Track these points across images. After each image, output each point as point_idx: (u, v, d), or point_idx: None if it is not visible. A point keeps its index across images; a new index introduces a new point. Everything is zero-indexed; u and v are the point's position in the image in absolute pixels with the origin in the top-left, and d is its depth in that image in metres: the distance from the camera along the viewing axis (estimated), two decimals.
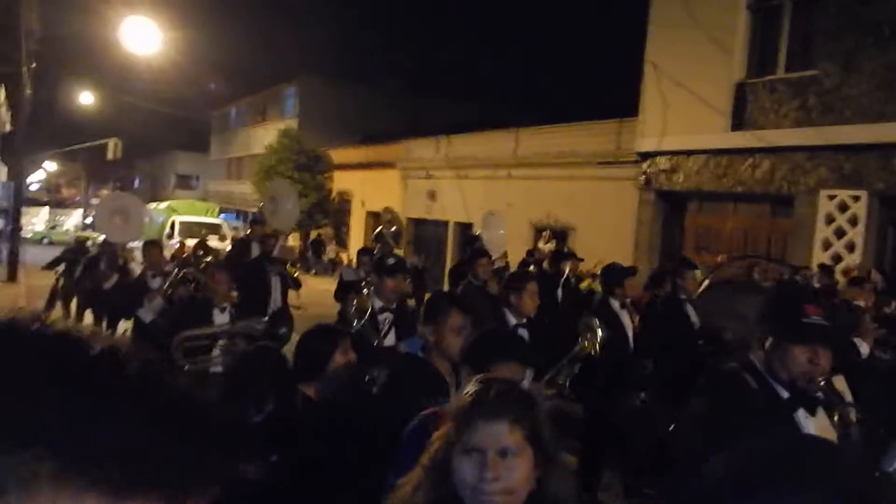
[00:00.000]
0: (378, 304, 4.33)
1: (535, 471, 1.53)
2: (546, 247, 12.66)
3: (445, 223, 19.72)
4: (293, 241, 23.62)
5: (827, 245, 10.44)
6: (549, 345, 4.77)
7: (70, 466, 0.48)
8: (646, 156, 13.35)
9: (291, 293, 8.48)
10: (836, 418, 2.32)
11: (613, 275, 5.67)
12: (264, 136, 29.64)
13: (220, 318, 4.84)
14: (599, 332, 4.07)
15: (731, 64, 11.82)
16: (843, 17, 10.31)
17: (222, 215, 31.58)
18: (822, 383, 2.20)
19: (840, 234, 10.32)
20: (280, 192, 9.09)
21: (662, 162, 13.09)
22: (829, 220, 10.46)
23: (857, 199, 10.15)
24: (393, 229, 9.30)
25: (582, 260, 9.03)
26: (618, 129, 14.46)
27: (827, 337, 2.26)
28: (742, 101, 11.78)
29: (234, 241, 11.40)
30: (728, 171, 11.98)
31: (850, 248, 10.16)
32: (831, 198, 10.45)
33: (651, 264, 12.32)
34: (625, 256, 11.57)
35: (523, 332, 4.20)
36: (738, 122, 11.78)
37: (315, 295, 13.35)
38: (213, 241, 18.96)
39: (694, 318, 5.90)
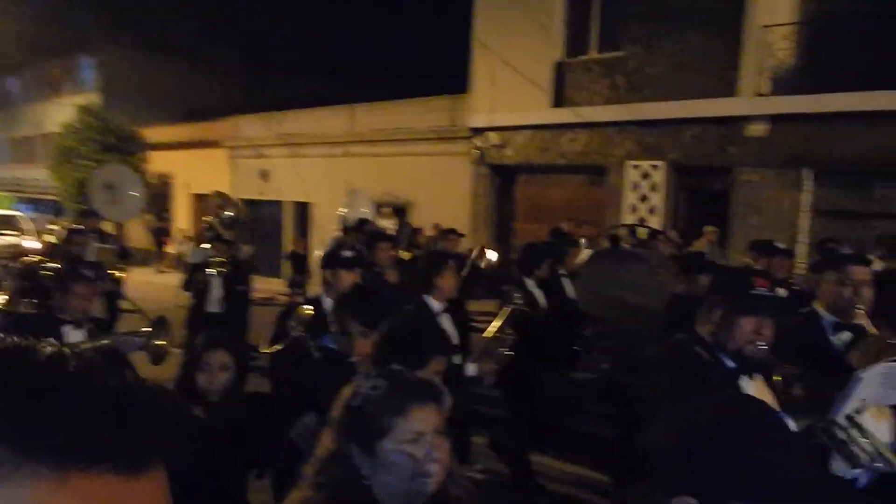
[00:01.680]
0: (329, 302, 4.08)
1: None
2: (386, 223, 13.93)
3: (280, 203, 20.36)
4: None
5: (634, 209, 12.70)
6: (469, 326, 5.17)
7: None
8: (478, 131, 15.03)
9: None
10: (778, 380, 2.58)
11: (530, 255, 5.78)
12: (58, 113, 28.04)
13: (75, 336, 3.95)
14: (520, 299, 4.56)
15: (550, 44, 13.73)
16: (646, 3, 12.46)
17: (16, 206, 29.53)
18: (766, 350, 2.42)
19: (644, 199, 12.61)
20: (118, 177, 9.12)
21: (494, 137, 14.82)
22: (635, 187, 12.72)
23: (656, 168, 12.45)
24: (226, 214, 9.23)
25: (464, 236, 10.03)
26: (451, 106, 16.01)
27: (772, 307, 2.50)
28: (561, 79, 13.74)
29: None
30: (551, 145, 13.94)
31: (652, 211, 12.47)
32: (636, 167, 12.71)
33: (488, 234, 14.05)
34: (462, 228, 13.17)
35: (446, 318, 4.30)
36: (559, 99, 13.75)
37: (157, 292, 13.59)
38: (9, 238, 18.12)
39: (570, 292, 6.39)
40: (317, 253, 13.42)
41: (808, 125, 10.63)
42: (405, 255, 7.81)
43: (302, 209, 19.89)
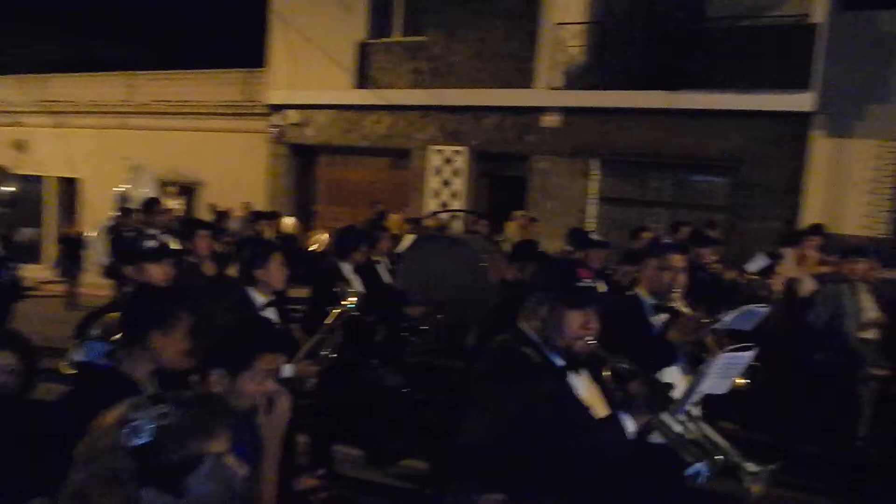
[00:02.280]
0: None
1: None
2: (173, 203, 12.91)
3: (41, 178, 18.10)
4: None
5: (436, 194, 13.02)
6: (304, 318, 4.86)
7: None
8: (276, 108, 14.45)
9: None
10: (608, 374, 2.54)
11: (347, 240, 5.59)
12: None
13: None
14: (351, 297, 4.32)
15: (354, 23, 13.56)
16: None
17: None
18: (594, 344, 2.41)
19: (446, 184, 12.97)
20: None
21: (293, 115, 14.35)
22: (438, 171, 13.04)
23: (458, 153, 12.85)
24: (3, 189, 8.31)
25: (279, 216, 9.37)
26: (246, 80, 15.22)
27: (598, 300, 2.49)
28: (365, 59, 13.65)
29: None
30: (355, 126, 13.81)
31: (454, 195, 12.87)
32: (439, 152, 13.02)
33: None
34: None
35: (271, 312, 4.09)
36: (363, 79, 13.64)
37: None
38: None
39: (387, 278, 6.31)
40: (88, 234, 12.08)
41: (595, 118, 11.58)
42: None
43: (68, 185, 17.83)
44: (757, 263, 6.80)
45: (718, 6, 10.98)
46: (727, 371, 2.51)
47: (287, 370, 3.63)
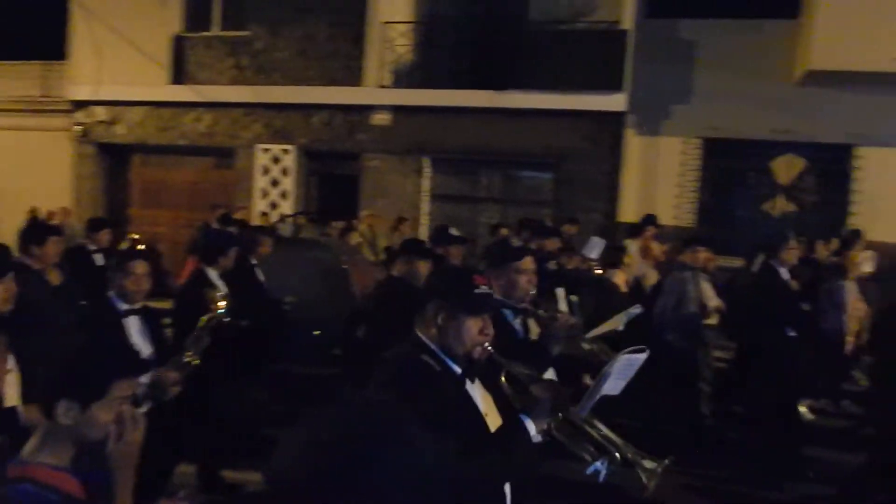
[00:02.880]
0: None
1: None
2: None
3: None
4: None
5: (265, 194, 12.37)
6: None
7: None
8: (81, 105, 13.10)
9: None
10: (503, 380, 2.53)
11: (215, 243, 5.23)
12: None
13: None
14: (222, 303, 4.10)
15: (167, 16, 12.59)
16: None
17: None
18: (490, 349, 2.40)
19: (275, 183, 12.36)
20: None
21: (100, 112, 13.07)
22: (265, 171, 12.39)
23: (286, 152, 12.30)
24: None
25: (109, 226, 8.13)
26: (45, 73, 13.69)
27: (493, 305, 2.51)
28: (181, 54, 12.71)
29: None
30: (172, 124, 12.80)
31: (284, 195, 12.29)
32: (266, 151, 12.38)
33: None
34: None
35: (135, 321, 3.82)
36: (179, 75, 12.70)
37: None
38: None
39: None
40: None
41: (425, 117, 11.53)
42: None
43: None
44: (595, 249, 6.99)
45: (540, 10, 11.35)
46: (624, 372, 2.54)
47: (145, 376, 3.36)
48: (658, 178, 11.04)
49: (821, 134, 10.42)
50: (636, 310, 3.94)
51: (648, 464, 2.24)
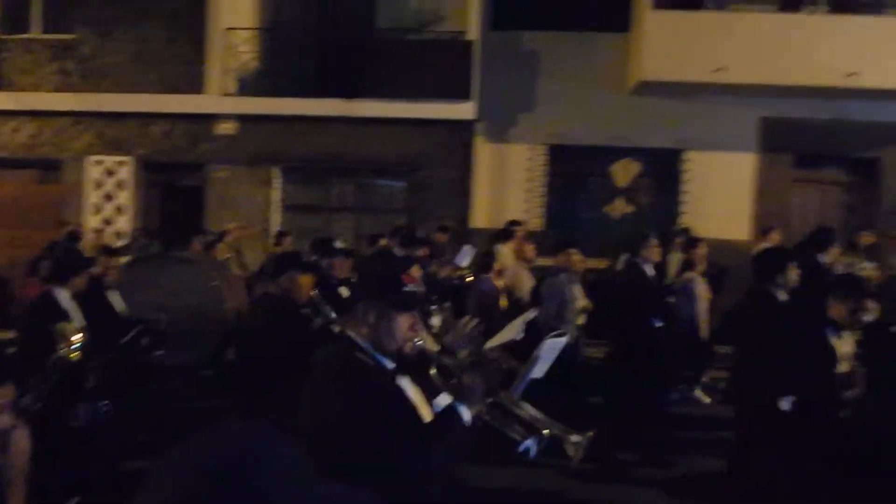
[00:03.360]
0: None
1: None
2: None
3: None
4: None
5: (98, 209, 11.37)
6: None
7: None
8: None
9: None
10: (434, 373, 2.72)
11: (67, 263, 5.00)
12: None
13: None
14: (76, 337, 3.86)
15: None
16: None
17: None
18: (421, 344, 2.53)
19: (109, 198, 11.39)
20: None
21: None
22: (98, 185, 11.40)
23: (122, 164, 11.38)
24: None
25: None
26: None
27: (421, 302, 2.75)
28: None
29: None
30: None
31: (120, 210, 11.36)
32: (98, 163, 11.39)
33: None
34: None
35: None
36: None
37: None
38: None
39: (119, 305, 5.63)
40: None
41: (273, 125, 11.09)
42: None
43: None
44: (466, 257, 6.95)
45: (387, 19, 11.27)
46: (549, 355, 2.75)
47: None
48: (507, 184, 11.25)
49: (653, 140, 11.04)
50: (532, 314, 4.03)
51: (575, 437, 2.47)
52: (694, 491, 5.27)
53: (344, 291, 5.28)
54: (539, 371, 2.73)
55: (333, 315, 4.36)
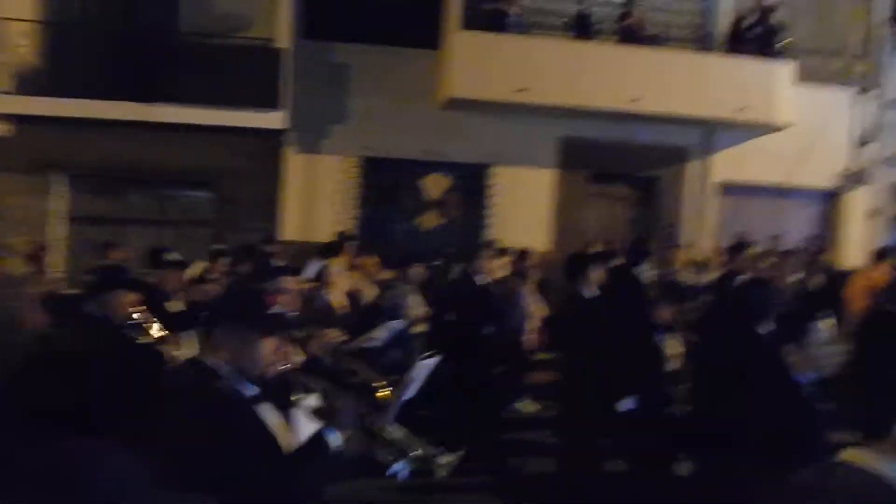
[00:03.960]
0: None
1: None
2: None
3: None
4: None
5: None
6: None
7: None
8: None
9: None
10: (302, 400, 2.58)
11: None
12: None
13: None
14: None
15: None
16: None
17: None
18: (287, 368, 2.44)
19: None
20: None
21: None
22: None
23: None
24: None
25: None
26: None
27: (287, 325, 2.56)
28: None
29: None
30: None
31: None
32: None
33: None
34: None
35: None
36: None
37: None
38: None
39: None
40: None
41: (56, 128, 9.94)
42: None
43: None
44: (312, 270, 6.71)
45: (190, 22, 10.55)
46: (420, 376, 2.77)
47: None
48: (318, 196, 10.94)
49: (463, 154, 11.28)
50: (398, 325, 4.15)
51: (443, 458, 2.54)
52: (527, 493, 5.38)
53: (174, 306, 5.01)
54: (412, 392, 2.74)
55: (162, 333, 4.07)
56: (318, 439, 2.28)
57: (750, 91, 11.03)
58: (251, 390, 2.28)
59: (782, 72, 11.27)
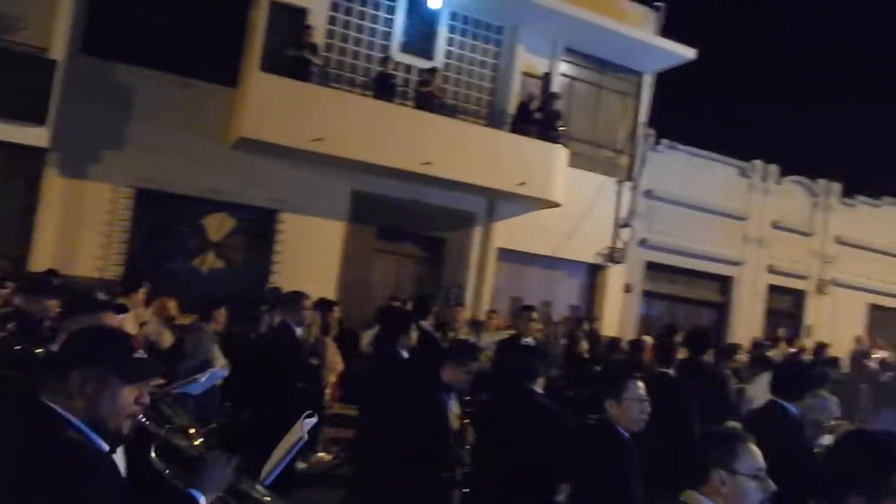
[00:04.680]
0: None
1: None
2: None
3: None
4: None
5: None
6: None
7: None
8: None
9: None
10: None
11: None
12: None
13: None
14: None
15: None
16: None
17: None
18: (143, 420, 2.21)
19: None
20: None
21: None
22: None
23: None
24: None
25: None
26: None
27: (154, 371, 2.28)
28: None
29: None
30: None
31: None
32: None
33: None
34: None
35: None
36: None
37: None
38: None
39: None
40: None
41: None
42: None
43: None
44: None
45: None
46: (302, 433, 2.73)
47: None
48: (82, 225, 9.79)
49: (250, 197, 10.77)
50: (222, 372, 3.95)
51: None
52: None
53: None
54: (293, 452, 2.68)
55: None
56: (183, 501, 2.08)
57: (531, 168, 11.81)
58: (103, 443, 2.02)
59: (560, 154, 12.24)
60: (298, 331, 5.99)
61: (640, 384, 3.54)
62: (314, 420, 2.78)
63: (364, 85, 11.58)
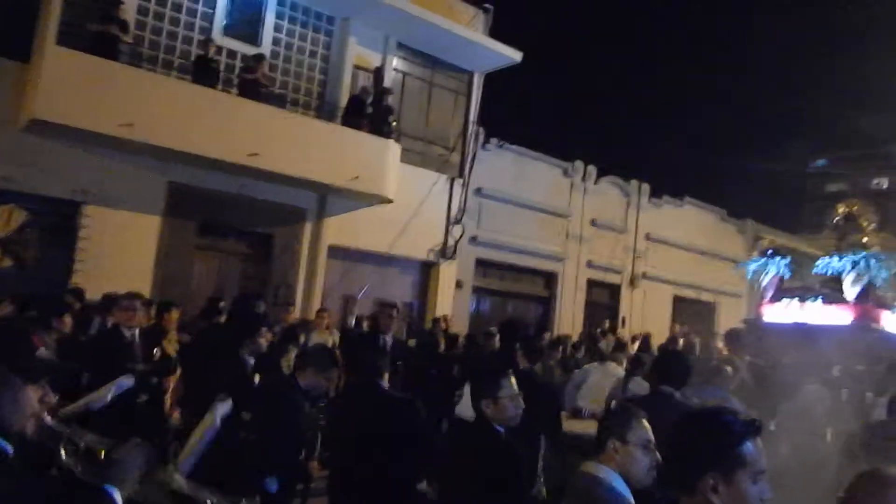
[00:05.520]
0: None
1: None
2: None
3: None
4: None
5: None
6: None
7: None
8: None
9: None
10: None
11: None
12: None
13: None
14: None
15: None
16: None
17: None
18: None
19: None
20: None
21: None
22: None
23: None
24: None
25: None
26: None
27: (57, 370, 2.23)
28: None
29: None
30: None
31: None
32: None
33: None
34: None
35: None
36: None
37: None
38: None
39: None
40: None
41: None
42: None
43: None
44: None
45: None
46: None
47: None
48: None
49: (46, 187, 9.49)
50: (127, 381, 3.87)
51: None
52: None
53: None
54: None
55: None
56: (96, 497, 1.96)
57: (363, 163, 11.46)
58: (8, 447, 1.93)
59: (392, 150, 11.99)
60: (128, 334, 5.45)
61: (513, 380, 3.53)
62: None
63: (182, 68, 10.64)
